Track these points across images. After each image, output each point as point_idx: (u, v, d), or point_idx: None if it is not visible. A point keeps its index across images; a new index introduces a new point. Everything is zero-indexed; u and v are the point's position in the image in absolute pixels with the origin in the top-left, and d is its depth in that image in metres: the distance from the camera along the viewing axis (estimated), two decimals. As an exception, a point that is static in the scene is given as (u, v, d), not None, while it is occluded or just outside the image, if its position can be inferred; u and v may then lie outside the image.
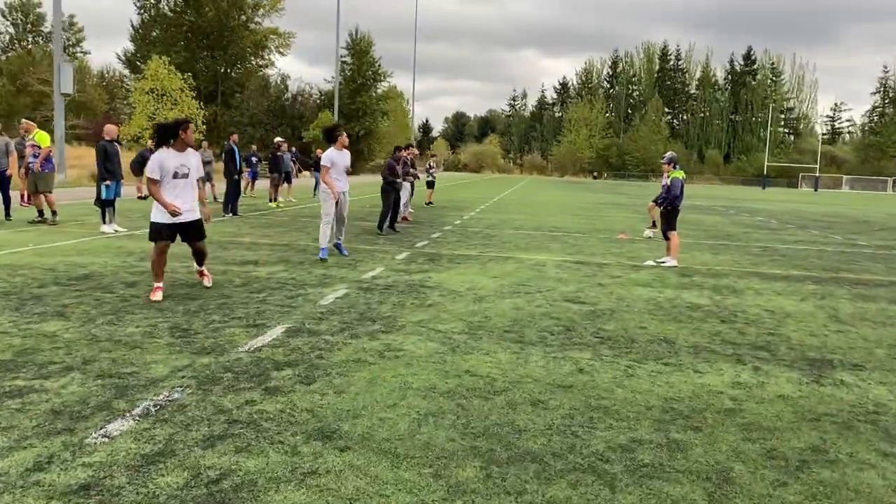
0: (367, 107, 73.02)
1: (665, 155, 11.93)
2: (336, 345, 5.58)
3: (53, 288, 7.32)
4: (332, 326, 6.18)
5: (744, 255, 13.25)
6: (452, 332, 6.16)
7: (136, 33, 78.44)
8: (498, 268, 10.22)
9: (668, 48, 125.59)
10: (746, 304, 8.31)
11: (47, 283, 7.48)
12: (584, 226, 18.48)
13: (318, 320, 6.39)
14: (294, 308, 6.85)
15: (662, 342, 6.22)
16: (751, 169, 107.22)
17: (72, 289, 7.33)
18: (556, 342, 6.03)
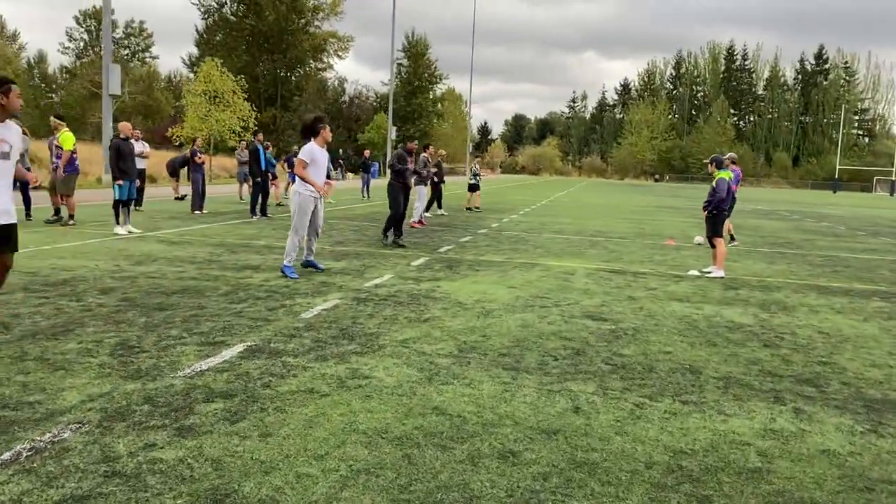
0: (423, 109, 72.73)
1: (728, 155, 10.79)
2: (294, 369, 4.80)
3: (18, 295, 6.75)
4: (301, 345, 5.40)
5: (802, 265, 11.98)
6: (438, 355, 5.31)
7: (201, 38, 80.00)
8: (520, 276, 9.31)
9: (734, 48, 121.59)
10: (797, 323, 7.20)
11: (15, 290, 6.93)
12: (630, 230, 17.33)
13: (289, 337, 5.62)
14: (269, 322, 6.10)
15: (686, 372, 5.23)
16: (821, 172, 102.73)
17: (38, 296, 6.76)
18: (558, 370, 5.11)
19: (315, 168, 8.56)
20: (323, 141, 8.70)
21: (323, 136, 8.68)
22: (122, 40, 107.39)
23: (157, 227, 13.02)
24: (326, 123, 8.76)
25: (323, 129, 8.67)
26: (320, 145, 8.70)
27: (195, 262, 9.23)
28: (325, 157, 8.77)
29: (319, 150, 8.67)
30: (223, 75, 37.39)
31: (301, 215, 8.52)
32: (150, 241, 11.01)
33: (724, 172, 10.37)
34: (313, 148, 8.61)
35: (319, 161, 8.62)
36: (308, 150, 8.60)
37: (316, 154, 8.60)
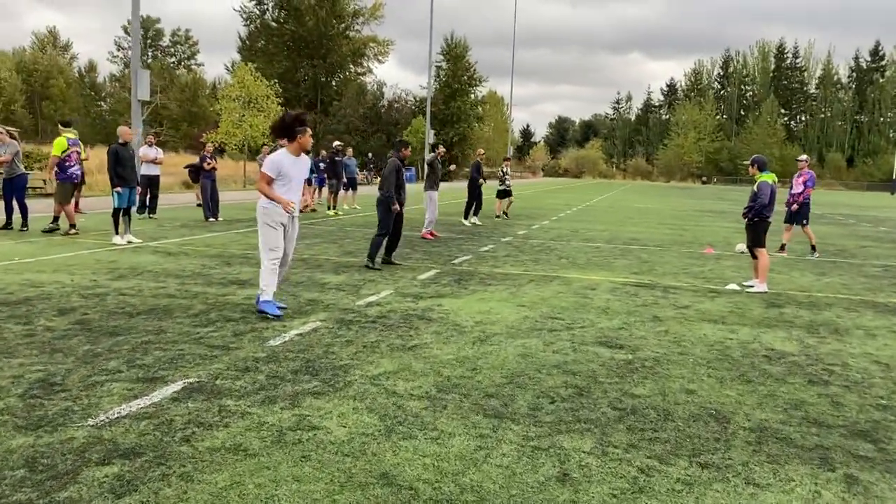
0: (462, 112, 71.83)
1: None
2: (229, 416, 4.01)
3: (-35, 316, 6.12)
4: (252, 382, 4.61)
5: (857, 277, 10.80)
6: (410, 396, 4.46)
7: (243, 44, 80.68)
8: (535, 292, 8.41)
9: (784, 45, 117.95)
10: (850, 351, 6.16)
11: (-35, 310, 6.31)
12: (667, 237, 16.22)
13: (242, 372, 4.84)
14: (228, 351, 5.33)
15: (711, 420, 4.28)
16: (878, 173, 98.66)
17: (-14, 318, 6.12)
18: (552, 417, 4.22)
19: (286, 185, 6.50)
20: (299, 149, 6.57)
21: (300, 142, 6.54)
22: (169, 48, 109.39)
23: (161, 237, 12.44)
24: (308, 128, 6.61)
25: (302, 135, 6.53)
26: (294, 153, 6.55)
27: (182, 275, 8.55)
28: (302, 169, 6.67)
29: (292, 160, 6.52)
30: (257, 80, 37.13)
31: (269, 235, 6.55)
32: (145, 253, 10.40)
33: (767, 175, 9.30)
34: (282, 159, 6.45)
35: (293, 176, 6.52)
36: (275, 161, 6.44)
37: (286, 166, 6.45)
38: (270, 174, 6.47)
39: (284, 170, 6.49)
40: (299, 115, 6.71)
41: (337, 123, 71.01)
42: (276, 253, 6.58)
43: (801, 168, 13.61)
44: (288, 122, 6.63)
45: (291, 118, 6.65)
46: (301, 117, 6.70)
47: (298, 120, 6.65)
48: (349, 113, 70.77)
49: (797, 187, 13.49)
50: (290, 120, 6.63)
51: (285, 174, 6.50)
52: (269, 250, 6.58)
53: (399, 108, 74.09)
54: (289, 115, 6.72)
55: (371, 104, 73.40)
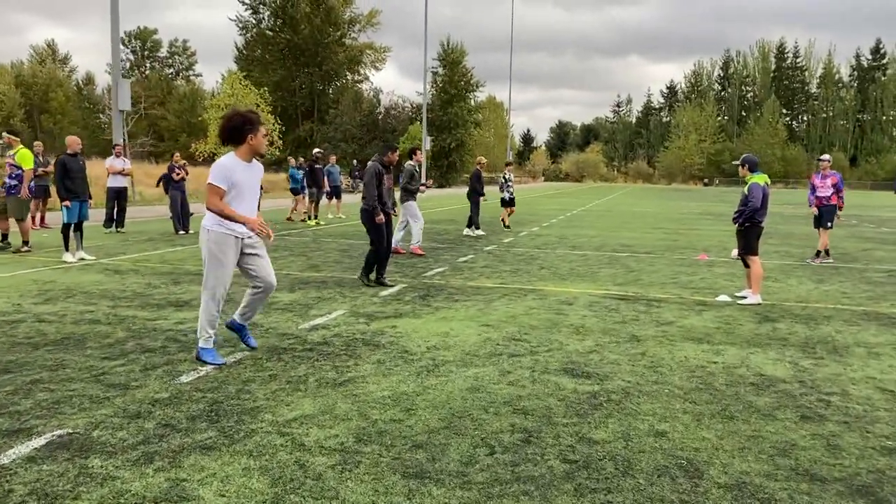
0: (460, 118, 71.10)
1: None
2: (88, 482, 3.27)
3: None
4: (135, 434, 3.88)
5: (859, 284, 10.03)
6: (320, 450, 3.73)
7: (240, 54, 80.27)
8: (504, 308, 7.66)
9: (784, 45, 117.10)
10: (851, 375, 5.40)
11: None
12: (660, 243, 15.46)
13: (130, 418, 4.11)
14: (126, 391, 4.60)
15: (680, 475, 3.54)
16: (881, 172, 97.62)
17: None
18: (486, 475, 3.48)
19: (238, 196, 5.29)
20: (251, 152, 5.38)
21: (251, 144, 5.35)
22: (167, 59, 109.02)
23: (119, 253, 11.73)
24: (259, 126, 5.44)
25: (253, 136, 5.35)
26: (245, 158, 5.34)
27: (119, 297, 7.83)
28: (255, 176, 5.47)
29: (244, 166, 5.32)
30: (246, 88, 36.51)
31: (215, 266, 5.29)
32: (92, 271, 9.68)
33: (759, 176, 8.56)
34: (232, 165, 5.26)
35: (244, 185, 5.31)
36: (224, 167, 5.22)
37: (237, 174, 5.25)
38: (221, 185, 5.18)
39: (235, 178, 5.23)
40: (248, 116, 5.45)
41: (334, 131, 70.43)
42: (220, 291, 5.32)
43: (824, 168, 12.60)
44: (235, 123, 5.36)
45: (239, 118, 5.41)
46: (250, 117, 5.45)
47: (247, 119, 5.41)
48: (346, 121, 70.17)
49: (825, 190, 12.52)
50: (238, 121, 5.37)
51: (236, 183, 5.25)
52: (211, 287, 5.29)
53: (396, 114, 73.47)
54: (235, 114, 5.49)
55: (368, 111, 72.82)
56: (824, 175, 12.56)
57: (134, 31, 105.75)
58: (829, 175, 12.51)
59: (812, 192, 12.80)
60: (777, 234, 18.28)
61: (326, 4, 76.08)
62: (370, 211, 9.06)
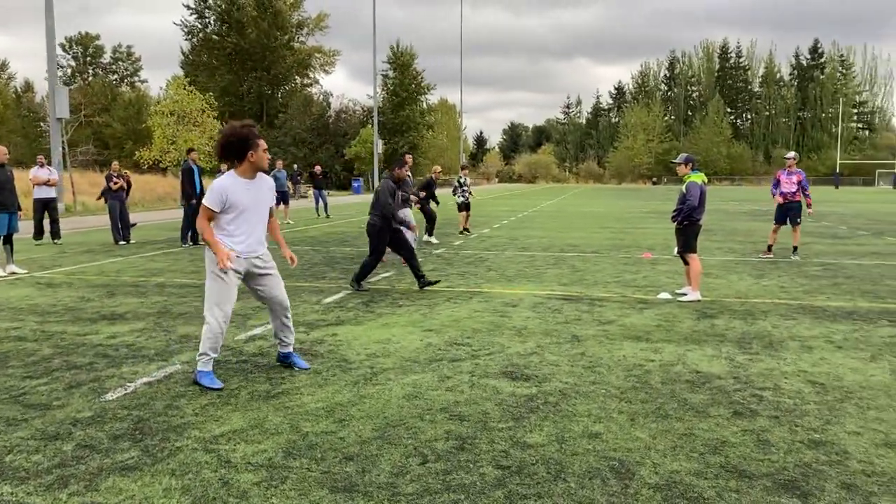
0: (411, 120, 71.10)
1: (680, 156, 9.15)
2: (-6, 511, 3.12)
3: None
4: (51, 457, 3.72)
5: (796, 278, 10.26)
6: (247, 467, 3.62)
7: (186, 59, 78.84)
8: (448, 312, 7.62)
9: (728, 46, 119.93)
10: (784, 369, 5.49)
11: None
12: (607, 242, 15.62)
13: (48, 440, 3.93)
14: (46, 411, 4.42)
15: (611, 477, 3.53)
16: (822, 168, 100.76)
17: None
18: (416, 485, 3.41)
19: (239, 218, 4.97)
20: (252, 169, 5.00)
21: (252, 161, 4.97)
22: (110, 65, 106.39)
23: (54, 265, 11.36)
24: (258, 141, 5.00)
25: (253, 152, 4.95)
26: (247, 176, 5.01)
27: (49, 312, 7.56)
28: (262, 194, 5.09)
29: (246, 184, 5.00)
30: (191, 94, 35.85)
31: (214, 283, 4.98)
32: (23, 286, 9.35)
33: (697, 175, 8.69)
34: (227, 185, 4.94)
35: (246, 204, 4.97)
36: (219, 189, 4.92)
37: (237, 194, 4.93)
38: (212, 207, 4.89)
39: (234, 199, 4.91)
40: (245, 129, 5.00)
41: (283, 136, 69.69)
42: (222, 311, 4.96)
43: (790, 166, 12.67)
44: (232, 139, 4.95)
45: (236, 135, 4.96)
46: (247, 132, 4.99)
47: (245, 135, 4.96)
48: (295, 125, 69.53)
49: (789, 186, 12.58)
50: (236, 137, 4.95)
51: (235, 204, 4.92)
52: (213, 306, 4.95)
53: (347, 118, 73.06)
54: (232, 131, 5.02)
55: (318, 115, 72.24)
56: (790, 172, 12.67)
57: (75, 37, 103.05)
58: (795, 172, 12.64)
59: (774, 187, 12.92)
60: (720, 231, 18.64)
61: (273, 8, 75.30)
62: (378, 226, 9.00)
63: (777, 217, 12.83)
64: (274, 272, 5.26)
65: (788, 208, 12.60)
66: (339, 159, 67.27)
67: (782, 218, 12.74)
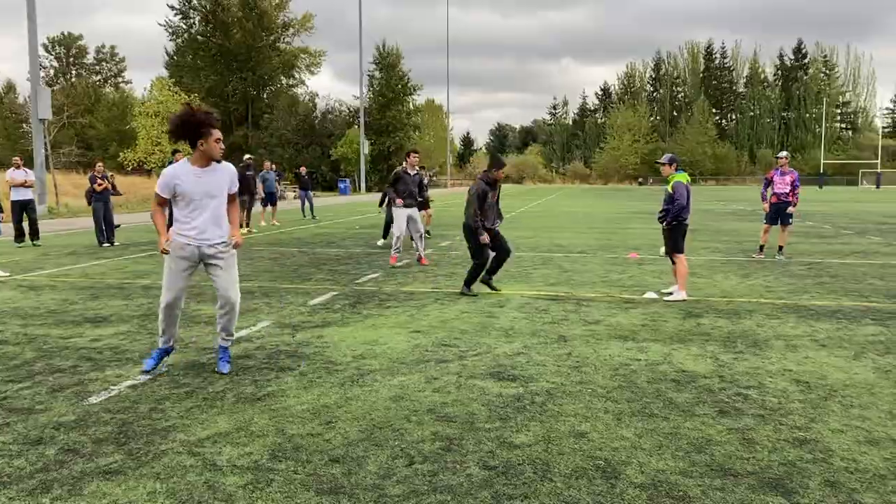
0: (398, 121, 70.92)
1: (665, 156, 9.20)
2: (-25, 517, 3.08)
3: None
4: (34, 462, 3.68)
5: (781, 278, 10.33)
6: (232, 470, 3.60)
7: (171, 60, 78.35)
8: (435, 314, 7.61)
9: (712, 47, 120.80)
10: (768, 368, 5.52)
11: None
12: (594, 242, 15.67)
13: (31, 445, 3.89)
14: (29, 415, 4.37)
15: (597, 476, 3.53)
16: (806, 167, 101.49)
17: None
18: (403, 487, 3.41)
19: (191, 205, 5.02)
20: (203, 157, 5.02)
21: (203, 149, 4.99)
22: (94, 66, 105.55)
23: (37, 268, 11.25)
24: (211, 130, 4.98)
25: (205, 139, 4.96)
26: (199, 164, 5.04)
27: (32, 315, 7.49)
28: (213, 183, 5.05)
29: (197, 172, 5.02)
30: (175, 95, 35.63)
31: (165, 272, 5.17)
32: (5, 289, 9.25)
33: (681, 175, 8.74)
34: (176, 172, 5.02)
35: (196, 193, 4.99)
36: (167, 174, 5.05)
37: (185, 183, 4.98)
38: (160, 193, 5.03)
39: (184, 187, 4.96)
40: (200, 114, 4.99)
41: (269, 137, 69.41)
42: (168, 293, 5.11)
43: (782, 165, 12.58)
44: (184, 122, 4.96)
45: (189, 118, 4.96)
46: (201, 117, 4.98)
47: (197, 121, 4.96)
48: (281, 126, 69.23)
49: (783, 186, 12.46)
50: (188, 120, 4.95)
51: (185, 192, 4.98)
52: (163, 289, 5.18)
53: (333, 119, 72.85)
54: (187, 113, 5.02)
55: (304, 116, 71.97)
56: (783, 172, 12.56)
57: (58, 37, 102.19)
58: (788, 172, 12.53)
59: (765, 187, 12.85)
60: (706, 231, 18.75)
61: (259, 9, 74.98)
62: (473, 228, 8.55)
63: (769, 217, 12.76)
64: (224, 265, 5.17)
65: (780, 209, 12.55)
66: (326, 160, 67.05)
67: (774, 218, 12.68)
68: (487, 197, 8.54)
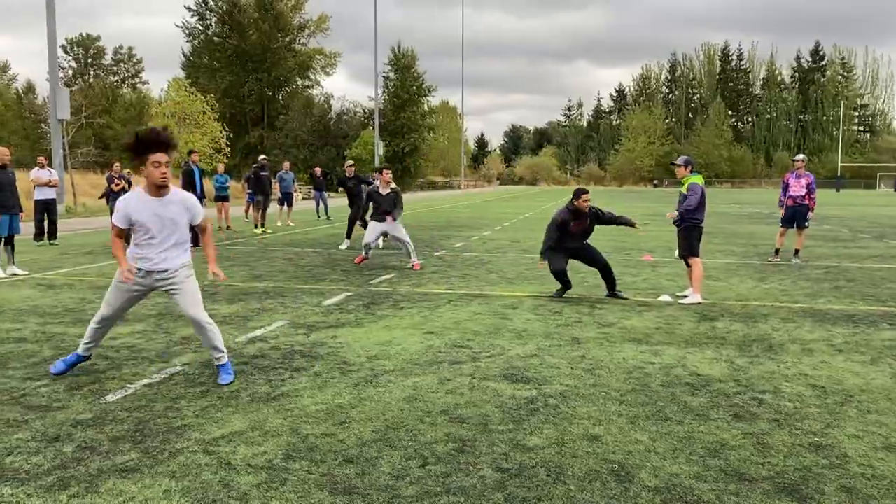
0: (412, 122, 71.00)
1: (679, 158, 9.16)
2: (-6, 512, 3.12)
3: None
4: (52, 459, 3.72)
5: (797, 281, 10.26)
6: (247, 469, 3.62)
7: (187, 61, 78.89)
8: (449, 315, 7.62)
9: (729, 49, 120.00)
10: (784, 372, 5.49)
11: None
12: (607, 244, 15.60)
13: (49, 442, 3.94)
14: (47, 412, 4.42)
15: (610, 480, 3.53)
16: (823, 171, 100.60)
17: None
18: (416, 488, 3.42)
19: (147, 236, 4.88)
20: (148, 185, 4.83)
21: (146, 174, 4.77)
22: (111, 67, 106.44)
23: (55, 267, 11.36)
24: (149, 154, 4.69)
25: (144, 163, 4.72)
26: (151, 193, 4.84)
27: (50, 313, 7.57)
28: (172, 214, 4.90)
29: (150, 202, 4.84)
30: (192, 95, 35.88)
31: (113, 287, 5.06)
32: (24, 287, 9.36)
33: (697, 176, 8.71)
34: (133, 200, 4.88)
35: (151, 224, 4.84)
36: (122, 202, 4.90)
37: (138, 213, 4.81)
38: (117, 224, 4.87)
39: (136, 217, 4.79)
40: (144, 135, 4.70)
41: (284, 138, 69.72)
42: (108, 309, 5.06)
43: (799, 168, 12.50)
44: (136, 141, 4.71)
45: (143, 138, 4.69)
46: (144, 138, 4.69)
47: (139, 142, 4.68)
48: (296, 127, 69.53)
49: (798, 189, 12.38)
50: (140, 140, 4.69)
51: (138, 222, 4.81)
52: (104, 302, 5.10)
53: (348, 120, 73.10)
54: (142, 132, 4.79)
55: (319, 117, 72.25)
56: (798, 175, 12.46)
57: (76, 38, 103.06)
58: (804, 175, 12.45)
59: (784, 191, 12.81)
60: (722, 234, 18.64)
61: (275, 10, 75.37)
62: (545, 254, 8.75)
63: (785, 220, 12.70)
64: (179, 290, 5.01)
65: (796, 211, 12.47)
66: (341, 161, 67.27)
67: (790, 221, 12.61)
68: (568, 225, 8.80)
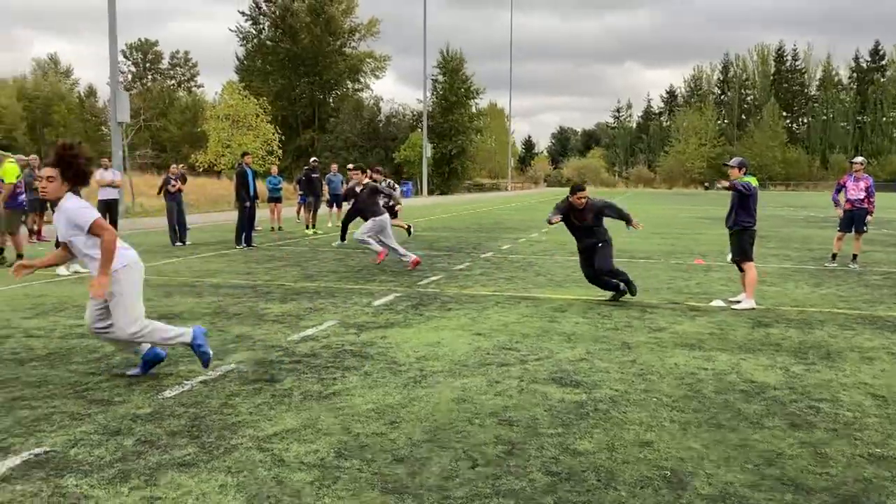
0: (460, 125, 71.10)
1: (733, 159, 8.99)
2: (59, 503, 3.24)
3: None
4: (113, 451, 3.84)
5: (856, 287, 9.97)
6: (300, 466, 3.69)
7: (241, 64, 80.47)
8: (496, 317, 7.62)
9: (783, 49, 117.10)
10: (842, 381, 5.34)
11: None
12: (659, 247, 15.41)
13: (110, 435, 4.06)
14: (108, 406, 4.57)
15: (663, 487, 3.49)
16: (882, 174, 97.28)
17: None
18: (466, 489, 3.43)
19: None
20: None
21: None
22: (168, 71, 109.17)
23: (114, 265, 11.70)
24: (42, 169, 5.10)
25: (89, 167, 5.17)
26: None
27: (110, 310, 7.79)
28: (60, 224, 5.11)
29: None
30: (245, 98, 36.56)
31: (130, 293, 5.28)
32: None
33: (751, 178, 8.54)
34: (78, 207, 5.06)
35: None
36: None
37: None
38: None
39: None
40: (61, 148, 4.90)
41: (334, 140, 70.56)
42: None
43: (857, 171, 12.17)
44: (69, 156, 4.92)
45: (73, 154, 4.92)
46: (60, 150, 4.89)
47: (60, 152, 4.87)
48: (346, 129, 70.34)
49: (857, 192, 12.06)
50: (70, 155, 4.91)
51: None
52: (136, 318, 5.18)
53: (397, 122, 73.62)
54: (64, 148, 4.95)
55: (368, 119, 72.94)
56: (857, 178, 12.14)
57: (135, 44, 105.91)
58: (863, 178, 12.11)
59: (837, 192, 12.48)
60: (776, 238, 18.22)
61: (326, 14, 76.33)
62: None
63: (843, 224, 12.36)
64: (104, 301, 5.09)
65: (855, 215, 12.13)
66: (389, 163, 67.75)
67: (848, 225, 12.27)
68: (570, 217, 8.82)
